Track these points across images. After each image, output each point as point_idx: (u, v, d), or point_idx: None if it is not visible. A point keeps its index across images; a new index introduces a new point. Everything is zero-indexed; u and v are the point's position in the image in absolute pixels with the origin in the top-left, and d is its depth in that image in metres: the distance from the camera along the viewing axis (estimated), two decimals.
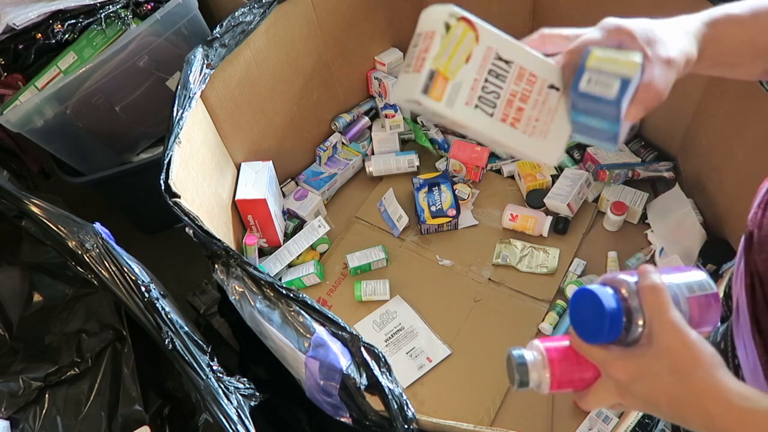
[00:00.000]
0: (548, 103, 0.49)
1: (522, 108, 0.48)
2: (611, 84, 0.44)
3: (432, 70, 0.45)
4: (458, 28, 0.45)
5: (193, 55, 1.05)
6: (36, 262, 1.04)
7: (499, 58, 0.47)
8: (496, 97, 0.47)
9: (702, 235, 1.21)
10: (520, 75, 0.47)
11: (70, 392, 0.98)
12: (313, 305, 0.83)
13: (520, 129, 0.48)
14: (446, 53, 0.45)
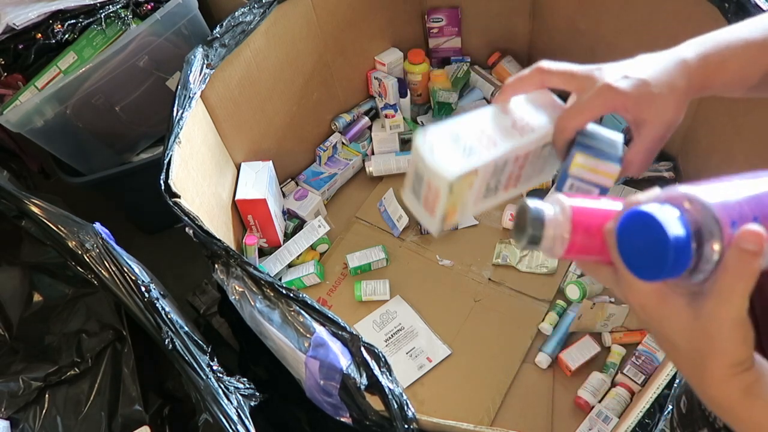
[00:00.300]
0: (543, 158, 0.51)
1: (520, 174, 0.50)
2: (591, 191, 0.48)
3: (443, 215, 0.47)
4: (462, 183, 0.45)
5: (193, 55, 1.05)
6: (36, 262, 1.04)
7: (499, 167, 0.48)
8: (497, 184, 0.49)
9: None
10: (515, 160, 0.49)
11: (70, 392, 0.98)
12: (313, 305, 0.83)
13: (521, 186, 0.51)
14: (454, 201, 0.46)
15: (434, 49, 1.57)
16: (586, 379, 1.10)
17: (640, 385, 1.07)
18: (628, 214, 0.36)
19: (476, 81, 1.57)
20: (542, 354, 1.15)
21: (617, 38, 1.26)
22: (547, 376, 1.14)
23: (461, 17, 1.51)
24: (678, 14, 1.10)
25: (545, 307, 1.22)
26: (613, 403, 1.06)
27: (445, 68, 1.55)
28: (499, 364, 1.16)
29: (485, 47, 1.58)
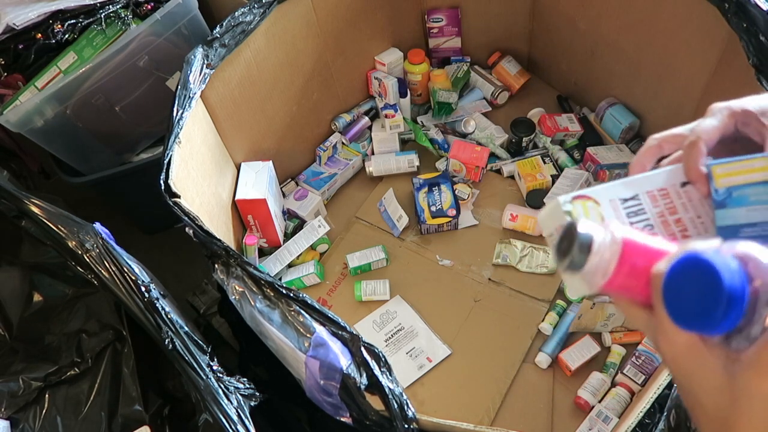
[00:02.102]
0: (693, 198, 0.48)
1: (679, 218, 0.47)
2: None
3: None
4: (577, 206, 0.46)
5: (193, 55, 1.05)
6: (36, 262, 1.04)
7: (625, 200, 0.47)
8: (651, 228, 0.47)
9: None
10: (652, 198, 0.47)
11: (70, 392, 0.98)
12: (313, 305, 0.83)
13: (693, 233, 0.47)
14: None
15: (434, 49, 1.57)
16: (586, 379, 1.10)
17: (640, 385, 1.07)
18: (684, 257, 0.34)
19: (476, 81, 1.57)
20: (542, 354, 1.15)
21: (617, 38, 1.26)
22: (547, 376, 1.14)
23: (461, 17, 1.51)
24: (678, 14, 1.10)
25: (545, 307, 1.22)
26: (613, 403, 1.06)
27: (445, 68, 1.55)
28: (499, 364, 1.16)
29: (485, 47, 1.58)
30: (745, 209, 0.44)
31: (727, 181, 0.44)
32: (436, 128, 1.49)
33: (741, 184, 0.44)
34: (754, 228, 0.43)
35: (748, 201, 0.43)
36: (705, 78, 1.12)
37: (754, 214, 0.43)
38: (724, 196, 0.44)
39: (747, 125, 0.46)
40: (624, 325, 1.16)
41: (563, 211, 0.46)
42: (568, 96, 1.54)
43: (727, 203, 0.44)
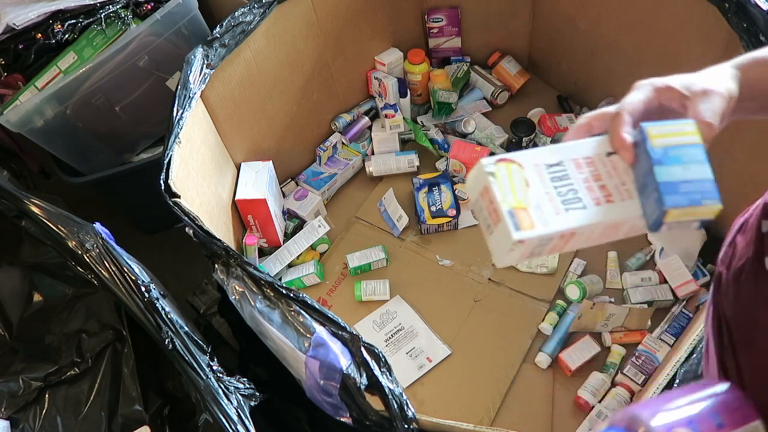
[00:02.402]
0: (618, 167, 0.49)
1: (603, 185, 0.49)
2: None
3: (508, 210, 0.46)
4: (500, 168, 0.47)
5: (193, 55, 1.05)
6: (36, 262, 1.04)
7: (550, 165, 0.49)
8: (575, 193, 0.48)
9: (702, 235, 1.21)
10: (577, 165, 0.49)
11: (70, 392, 0.98)
12: (313, 305, 0.83)
13: (617, 199, 0.48)
14: (508, 191, 0.47)
15: (434, 49, 1.57)
16: (586, 379, 1.10)
17: (640, 385, 1.07)
18: None
19: (476, 81, 1.57)
20: (542, 354, 1.15)
21: (617, 38, 1.26)
22: (547, 376, 1.14)
23: (461, 17, 1.51)
24: (678, 14, 1.10)
25: (545, 307, 1.22)
26: (613, 403, 1.06)
27: (445, 68, 1.55)
28: (499, 364, 1.16)
29: (485, 47, 1.58)
30: (681, 167, 0.46)
31: (662, 142, 0.46)
32: (436, 128, 1.49)
33: (675, 144, 0.46)
34: (691, 184, 0.46)
35: (683, 160, 0.46)
36: None
37: (689, 172, 0.46)
38: (661, 154, 0.46)
39: (671, 99, 0.48)
40: (624, 325, 1.16)
41: (486, 173, 0.47)
42: (568, 96, 1.54)
43: (664, 161, 0.46)
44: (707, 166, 0.46)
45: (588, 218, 0.47)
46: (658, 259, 1.24)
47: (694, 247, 1.20)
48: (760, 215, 0.48)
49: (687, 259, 1.19)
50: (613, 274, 1.25)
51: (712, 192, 0.45)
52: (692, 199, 0.45)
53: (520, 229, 0.46)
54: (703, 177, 0.46)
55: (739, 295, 0.46)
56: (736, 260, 0.48)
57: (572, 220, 0.47)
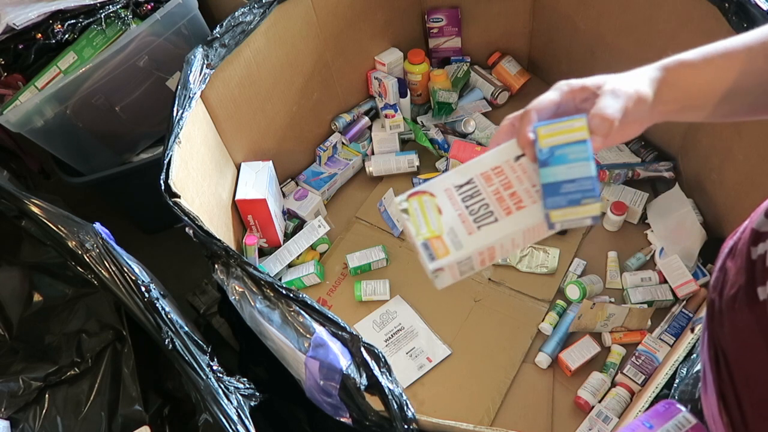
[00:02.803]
0: (527, 169, 0.50)
1: (514, 192, 0.50)
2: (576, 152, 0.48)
3: (422, 242, 0.50)
4: (413, 203, 0.50)
5: (193, 55, 1.05)
6: (36, 262, 1.04)
7: (460, 186, 0.50)
8: (486, 207, 0.50)
9: (702, 235, 1.21)
10: (487, 178, 0.50)
11: (70, 392, 0.98)
12: (313, 305, 0.83)
13: (528, 203, 0.49)
14: (420, 224, 0.50)
15: (434, 49, 1.57)
16: (586, 379, 1.10)
17: (640, 385, 1.07)
18: None
19: (476, 81, 1.57)
20: (542, 354, 1.15)
21: (617, 38, 1.26)
22: (547, 376, 1.14)
23: (461, 17, 1.51)
24: (678, 14, 1.10)
25: (545, 307, 1.22)
26: (613, 403, 1.06)
27: (445, 68, 1.55)
28: (499, 364, 1.16)
29: (485, 47, 1.58)
30: (566, 166, 0.47)
31: (550, 141, 0.47)
32: (436, 128, 1.49)
33: (562, 143, 0.47)
34: (573, 183, 0.46)
35: (568, 159, 0.46)
36: None
37: (572, 171, 0.46)
38: (547, 155, 0.47)
39: (586, 101, 0.48)
40: (624, 325, 1.16)
41: (400, 211, 0.50)
42: None
43: (550, 162, 0.47)
44: (590, 163, 0.46)
45: (500, 231, 0.49)
46: (658, 259, 1.24)
47: (693, 246, 1.20)
48: (749, 241, 0.47)
49: (687, 259, 1.19)
50: (613, 274, 1.25)
51: (592, 191, 0.46)
52: (572, 200, 0.46)
53: (435, 259, 0.50)
54: (585, 175, 0.46)
55: (735, 326, 0.46)
56: (728, 287, 0.47)
57: (485, 236, 0.49)
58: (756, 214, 0.48)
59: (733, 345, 0.45)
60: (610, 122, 0.45)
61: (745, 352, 0.44)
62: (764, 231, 0.45)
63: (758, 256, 0.44)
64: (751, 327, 0.43)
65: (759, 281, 0.43)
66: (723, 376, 0.47)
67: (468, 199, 0.50)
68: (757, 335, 0.41)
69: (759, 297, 0.42)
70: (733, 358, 0.45)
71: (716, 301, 0.49)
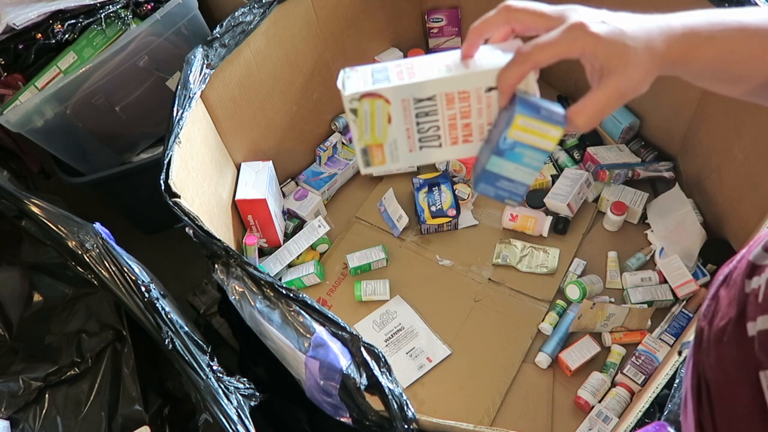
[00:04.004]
0: (492, 105, 0.48)
1: (468, 123, 0.48)
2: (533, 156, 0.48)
3: (362, 148, 0.49)
4: (364, 105, 0.47)
5: (193, 55, 1.05)
6: (36, 262, 1.04)
7: (419, 101, 0.47)
8: (436, 130, 0.48)
9: (702, 235, 1.21)
10: (449, 99, 0.47)
11: (70, 392, 0.98)
12: (313, 305, 0.83)
13: (476, 139, 0.49)
14: (366, 130, 0.48)
15: (434, 49, 1.57)
16: (586, 379, 1.10)
17: (640, 385, 1.07)
18: None
19: None
20: (542, 354, 1.15)
21: None
22: (547, 376, 1.14)
23: (461, 17, 1.51)
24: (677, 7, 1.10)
25: (545, 307, 1.22)
26: (613, 403, 1.06)
27: None
28: (499, 364, 1.16)
29: None
30: (514, 166, 0.46)
31: (519, 135, 0.45)
32: None
33: (527, 143, 0.46)
34: (510, 183, 0.47)
35: (522, 160, 0.46)
36: None
37: (517, 173, 0.47)
38: (507, 146, 0.46)
39: (589, 57, 0.44)
40: (624, 325, 1.16)
41: (348, 110, 0.47)
42: (568, 96, 1.54)
43: (505, 154, 0.46)
44: (534, 174, 0.47)
45: (439, 156, 0.49)
46: (658, 259, 1.24)
47: (693, 246, 1.20)
48: (744, 273, 0.44)
49: (687, 259, 1.19)
50: (613, 274, 1.25)
51: (520, 195, 0.48)
52: (498, 195, 0.48)
53: (371, 165, 0.49)
54: (525, 181, 0.47)
55: (721, 359, 0.44)
56: (718, 319, 0.45)
57: (422, 157, 0.49)
58: (755, 244, 0.46)
59: (718, 378, 0.44)
60: (593, 124, 0.45)
61: (729, 386, 0.42)
62: (760, 264, 0.43)
63: (751, 290, 0.42)
64: (737, 362, 0.41)
65: (750, 316, 0.41)
66: (704, 406, 0.45)
67: (423, 115, 0.48)
68: (743, 371, 0.40)
69: (748, 333, 0.40)
70: (716, 390, 0.44)
71: (705, 330, 0.47)
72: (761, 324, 0.39)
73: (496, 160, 0.46)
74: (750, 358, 0.39)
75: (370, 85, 0.46)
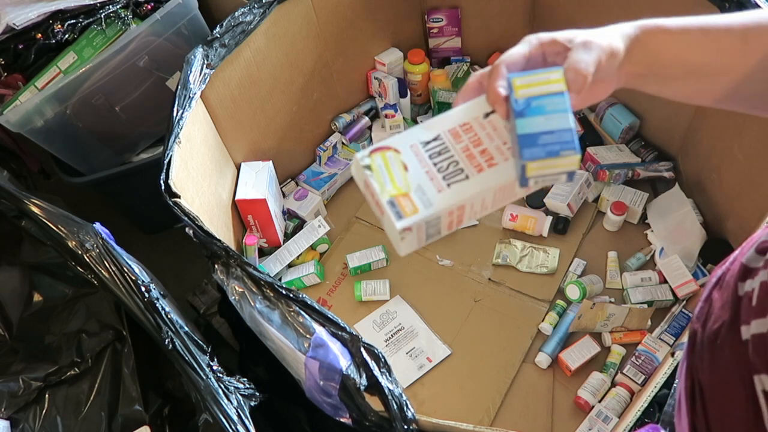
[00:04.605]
0: (497, 126, 0.48)
1: (484, 149, 0.48)
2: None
3: (388, 200, 0.46)
4: (376, 159, 0.47)
5: (193, 55, 1.05)
6: (36, 262, 1.04)
7: (427, 143, 0.48)
8: (456, 164, 0.47)
9: (702, 235, 1.21)
10: (455, 135, 0.48)
11: (70, 392, 0.98)
12: (312, 305, 0.83)
13: (500, 160, 0.47)
14: (386, 181, 0.46)
15: (434, 49, 1.57)
16: (586, 379, 1.10)
17: (640, 385, 1.07)
18: None
19: None
20: (542, 354, 1.15)
21: None
22: (547, 376, 1.14)
23: (461, 17, 1.51)
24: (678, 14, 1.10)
25: (545, 307, 1.22)
26: (613, 403, 1.06)
27: (445, 68, 1.55)
28: (499, 364, 1.16)
29: (485, 47, 1.58)
30: (543, 117, 0.45)
31: (527, 92, 0.45)
32: None
33: (539, 94, 0.45)
34: (552, 135, 0.44)
35: (546, 110, 0.45)
36: None
37: (551, 122, 0.45)
38: (523, 106, 0.45)
39: (555, 54, 0.47)
40: (624, 325, 1.16)
41: (362, 167, 0.47)
42: None
43: (526, 112, 0.45)
44: (569, 115, 0.45)
45: (472, 188, 0.46)
46: (658, 259, 1.24)
47: (693, 246, 1.20)
48: (737, 276, 0.45)
49: (687, 259, 1.19)
50: (613, 274, 1.25)
51: (571, 142, 0.44)
52: (550, 151, 0.44)
53: (403, 217, 0.45)
54: (564, 127, 0.44)
55: (714, 362, 0.44)
56: (712, 321, 0.45)
57: (456, 193, 0.46)
58: (747, 246, 0.46)
59: (711, 380, 0.44)
60: (584, 76, 0.44)
61: (723, 389, 0.42)
62: (753, 267, 0.43)
63: (745, 293, 0.42)
64: (730, 366, 0.41)
65: (743, 320, 0.41)
66: (697, 409, 0.45)
67: (436, 156, 0.47)
68: (737, 375, 0.40)
69: (742, 336, 0.40)
70: (709, 393, 0.44)
71: (699, 332, 0.47)
72: (755, 328, 0.39)
73: (521, 121, 0.45)
74: (744, 361, 0.39)
75: (379, 143, 0.48)
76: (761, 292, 0.39)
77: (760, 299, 0.39)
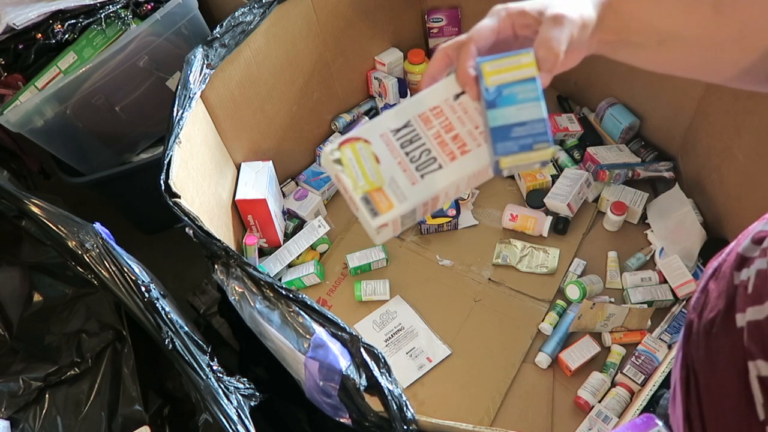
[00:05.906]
0: (468, 109, 0.47)
1: (456, 135, 0.46)
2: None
3: (362, 196, 0.45)
4: (346, 152, 0.45)
5: (193, 55, 1.05)
6: (36, 262, 1.04)
7: (397, 130, 0.46)
8: (428, 153, 0.46)
9: (702, 235, 1.21)
10: (425, 120, 0.46)
11: (70, 392, 0.98)
12: (312, 306, 0.83)
13: (473, 146, 0.46)
14: (358, 175, 0.45)
15: (434, 49, 1.57)
16: (586, 379, 1.10)
17: (640, 385, 1.07)
18: None
19: None
20: (542, 354, 1.15)
21: None
22: (547, 376, 1.14)
23: (461, 17, 1.51)
24: None
25: (545, 307, 1.22)
26: (613, 403, 1.06)
27: None
28: (499, 364, 1.16)
29: None
30: (515, 108, 0.43)
31: (497, 79, 0.43)
32: None
33: (510, 81, 0.43)
34: (524, 127, 0.43)
35: (517, 99, 0.43)
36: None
37: (522, 113, 0.43)
38: (494, 95, 0.43)
39: (526, 27, 0.45)
40: (624, 325, 1.16)
41: (332, 162, 0.45)
42: (568, 96, 1.54)
43: (498, 102, 0.43)
44: (541, 104, 0.43)
45: (446, 178, 0.45)
46: (658, 259, 1.24)
47: (693, 246, 1.20)
48: (733, 265, 0.45)
49: (687, 259, 1.19)
50: (613, 274, 1.25)
51: (544, 134, 0.43)
52: (523, 145, 0.43)
53: (379, 214, 0.44)
54: (536, 117, 0.43)
55: (709, 351, 0.44)
56: (708, 311, 0.45)
57: (430, 185, 0.45)
58: (743, 237, 0.46)
59: (706, 369, 0.44)
60: (555, 54, 0.43)
61: (717, 377, 0.42)
62: (749, 257, 0.43)
63: (740, 282, 0.42)
64: (725, 354, 0.41)
65: (738, 308, 0.41)
66: (692, 397, 0.45)
67: (407, 144, 0.46)
68: (731, 362, 0.40)
69: (737, 324, 0.40)
70: (704, 381, 0.44)
71: (695, 322, 0.47)
72: (750, 315, 0.39)
73: (493, 112, 0.43)
74: (738, 348, 0.39)
75: (350, 133, 0.46)
76: (757, 279, 0.39)
77: (756, 286, 0.39)
